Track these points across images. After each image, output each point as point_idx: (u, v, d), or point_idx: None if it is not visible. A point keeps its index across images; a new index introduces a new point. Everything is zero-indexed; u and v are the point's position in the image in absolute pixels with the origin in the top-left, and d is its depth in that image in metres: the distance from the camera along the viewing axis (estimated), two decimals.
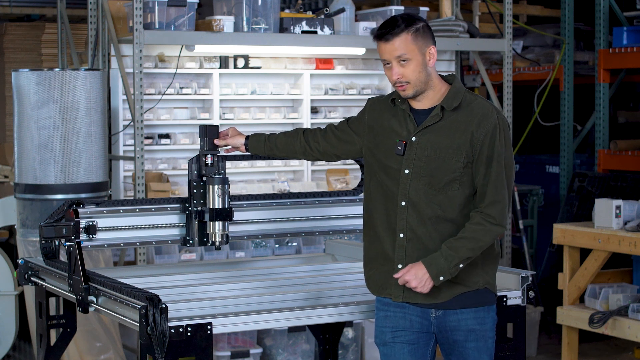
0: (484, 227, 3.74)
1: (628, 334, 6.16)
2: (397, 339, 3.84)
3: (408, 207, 3.78)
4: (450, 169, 3.76)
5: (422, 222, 3.77)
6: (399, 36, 3.72)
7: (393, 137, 3.83)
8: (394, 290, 3.83)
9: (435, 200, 3.76)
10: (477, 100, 3.82)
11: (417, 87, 3.77)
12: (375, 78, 7.59)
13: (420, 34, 3.75)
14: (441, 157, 3.76)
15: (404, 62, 3.74)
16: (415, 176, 3.77)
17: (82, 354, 6.05)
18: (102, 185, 5.87)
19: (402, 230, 3.80)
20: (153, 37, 6.28)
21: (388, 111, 3.90)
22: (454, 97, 3.80)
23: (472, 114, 3.78)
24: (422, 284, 3.73)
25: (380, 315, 3.90)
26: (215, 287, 4.47)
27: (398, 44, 3.73)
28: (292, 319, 4.05)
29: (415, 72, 3.75)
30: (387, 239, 3.84)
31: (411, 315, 3.85)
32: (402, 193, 3.79)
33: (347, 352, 6.74)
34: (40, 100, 5.70)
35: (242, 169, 7.12)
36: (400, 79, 3.75)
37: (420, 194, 3.76)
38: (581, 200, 7.94)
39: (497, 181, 3.77)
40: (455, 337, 3.85)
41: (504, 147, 3.78)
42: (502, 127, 3.79)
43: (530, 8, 9.66)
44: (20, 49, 8.97)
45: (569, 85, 8.71)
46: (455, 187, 3.77)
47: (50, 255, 4.54)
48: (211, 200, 4.43)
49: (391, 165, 3.82)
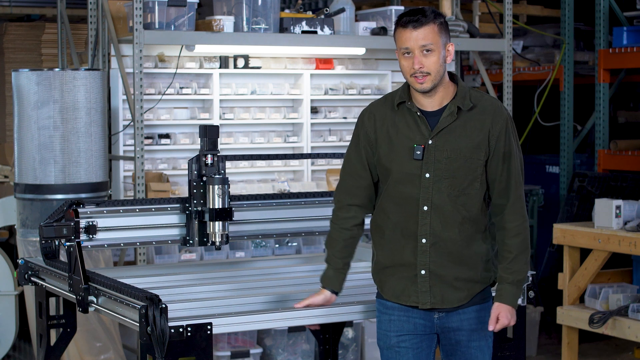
0: (523, 235, 3.80)
1: (628, 334, 6.16)
2: (402, 343, 3.83)
3: (431, 211, 3.74)
4: (472, 168, 3.73)
5: (447, 225, 3.74)
6: (428, 25, 3.68)
7: (406, 142, 3.75)
8: (420, 298, 3.79)
9: (459, 201, 3.74)
10: (485, 97, 3.81)
11: (436, 80, 3.71)
12: (375, 78, 7.59)
13: (444, 28, 3.74)
14: (462, 157, 3.72)
15: (427, 53, 3.69)
16: (438, 179, 3.73)
17: (82, 354, 6.05)
18: (102, 185, 5.87)
19: (424, 235, 3.75)
20: (153, 37, 6.28)
21: (392, 115, 3.81)
22: (465, 96, 3.77)
23: (485, 111, 3.76)
24: (514, 318, 3.82)
25: (384, 318, 3.88)
26: (215, 287, 4.47)
27: (425, 33, 3.68)
28: (292, 319, 4.05)
29: (436, 65, 3.69)
30: (407, 246, 3.78)
31: (415, 318, 3.83)
32: (425, 197, 3.73)
33: (347, 352, 6.74)
34: (40, 100, 5.70)
35: (242, 169, 7.12)
36: (422, 69, 3.68)
37: (444, 197, 3.73)
38: (581, 200, 7.93)
39: (517, 176, 3.79)
40: (458, 338, 3.85)
41: (516, 142, 3.79)
42: (511, 121, 3.81)
43: (530, 8, 9.66)
44: (20, 49, 8.98)
45: (569, 85, 8.71)
46: (477, 186, 3.75)
47: (50, 255, 4.54)
48: (211, 200, 4.43)
49: (409, 171, 3.75)
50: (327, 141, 7.35)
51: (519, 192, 3.79)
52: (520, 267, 3.80)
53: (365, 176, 3.87)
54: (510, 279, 3.78)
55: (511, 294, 3.79)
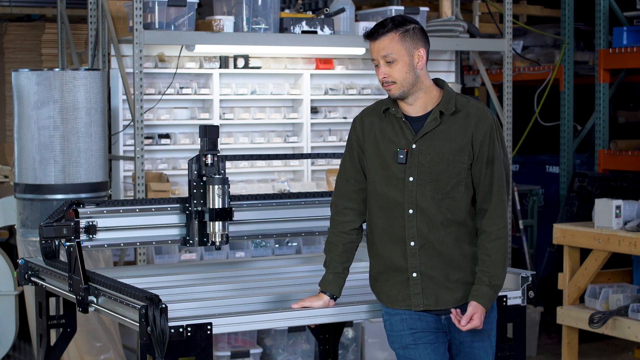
0: (503, 240, 3.81)
1: (628, 334, 6.16)
2: (419, 340, 3.84)
3: (417, 214, 3.77)
4: (455, 172, 3.77)
5: (433, 228, 3.78)
6: (386, 35, 3.76)
7: (391, 147, 3.82)
8: (413, 300, 3.83)
9: (443, 204, 3.78)
10: (471, 102, 3.86)
11: (404, 87, 3.77)
12: (375, 78, 7.58)
13: (409, 35, 3.77)
14: (445, 161, 3.77)
15: (390, 62, 3.77)
16: (421, 183, 3.77)
17: (82, 354, 6.05)
18: (102, 185, 5.87)
19: (412, 238, 3.79)
20: (153, 37, 6.28)
21: (379, 122, 3.88)
22: (449, 101, 3.82)
23: (469, 116, 3.81)
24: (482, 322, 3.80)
25: (395, 319, 3.89)
26: (215, 287, 4.47)
27: (384, 44, 3.76)
28: (292, 319, 4.05)
29: (401, 73, 3.76)
30: (395, 250, 3.82)
31: (425, 316, 3.87)
32: (409, 201, 3.78)
33: (347, 352, 6.74)
34: (40, 100, 5.70)
35: (242, 169, 7.12)
36: (386, 79, 3.77)
37: (427, 200, 3.77)
38: (581, 200, 7.93)
39: (500, 180, 3.82)
40: (462, 338, 3.89)
41: (500, 147, 3.83)
42: (497, 126, 3.85)
43: (530, 8, 9.66)
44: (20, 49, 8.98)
45: (569, 85, 8.71)
46: (462, 189, 3.79)
47: (50, 255, 4.54)
48: (211, 200, 4.43)
49: (394, 175, 3.80)
50: (327, 141, 7.35)
51: (501, 196, 3.82)
52: (497, 272, 3.80)
53: (360, 180, 3.94)
54: (487, 281, 3.79)
55: (487, 297, 3.79)
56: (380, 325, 6.48)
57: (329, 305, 3.98)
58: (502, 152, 3.84)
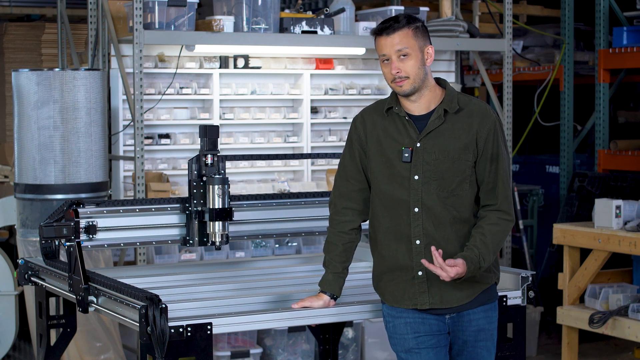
0: (501, 228, 3.79)
1: (628, 334, 6.16)
2: (422, 344, 3.84)
3: (422, 212, 3.78)
4: (460, 169, 3.78)
5: (439, 226, 3.78)
6: (401, 30, 3.76)
7: (395, 145, 3.82)
8: (419, 299, 3.83)
9: (449, 202, 3.78)
10: (473, 101, 3.88)
11: (416, 83, 3.78)
12: (375, 78, 7.59)
13: (420, 31, 3.80)
14: (450, 158, 3.78)
15: (403, 57, 3.76)
16: (426, 181, 3.78)
17: (82, 354, 6.05)
18: (102, 185, 5.87)
19: (417, 236, 3.79)
20: (153, 37, 6.28)
21: (382, 121, 3.88)
22: (452, 99, 3.83)
23: (473, 113, 3.82)
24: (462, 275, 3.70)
25: (399, 322, 3.89)
26: (215, 287, 4.47)
27: (399, 38, 3.75)
28: (292, 319, 4.05)
29: (414, 68, 3.76)
30: (400, 249, 3.82)
31: (429, 319, 3.86)
32: (415, 199, 3.78)
33: (347, 352, 6.74)
34: (40, 100, 5.70)
35: (242, 169, 7.12)
36: (400, 74, 3.76)
37: (433, 198, 3.77)
38: (581, 200, 7.93)
39: (504, 177, 3.83)
40: (465, 338, 3.89)
41: (504, 144, 3.85)
42: (499, 124, 3.88)
43: (530, 8, 9.66)
44: (20, 49, 8.98)
45: (569, 85, 8.71)
46: (466, 187, 3.80)
47: (50, 255, 4.54)
48: (211, 200, 4.43)
49: (399, 173, 3.80)
50: (327, 141, 7.35)
51: (506, 192, 3.83)
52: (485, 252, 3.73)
53: (360, 179, 3.93)
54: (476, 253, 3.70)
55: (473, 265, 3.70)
56: (381, 325, 6.48)
57: (329, 305, 3.98)
58: (505, 149, 3.85)
